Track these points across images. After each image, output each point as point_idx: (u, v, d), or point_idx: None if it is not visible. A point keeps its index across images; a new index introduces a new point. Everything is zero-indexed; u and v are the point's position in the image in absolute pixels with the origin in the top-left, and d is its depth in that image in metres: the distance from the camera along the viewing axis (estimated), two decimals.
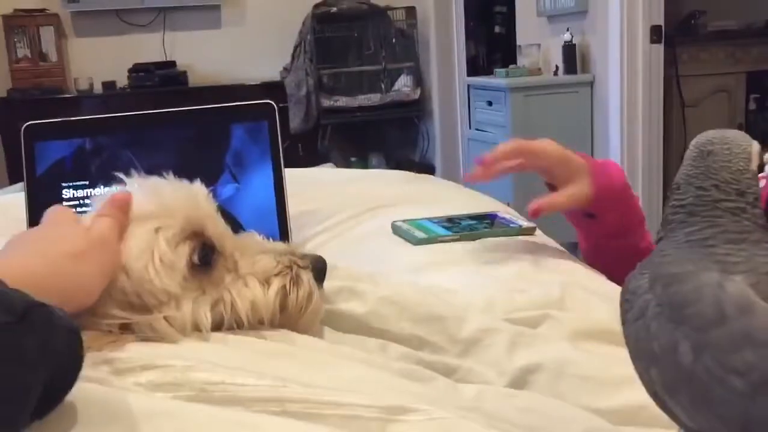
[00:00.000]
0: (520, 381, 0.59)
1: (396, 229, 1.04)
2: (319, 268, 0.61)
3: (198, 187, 0.61)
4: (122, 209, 0.57)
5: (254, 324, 0.56)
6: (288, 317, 0.58)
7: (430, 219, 1.06)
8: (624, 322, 0.44)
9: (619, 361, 0.61)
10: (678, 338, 0.40)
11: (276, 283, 0.58)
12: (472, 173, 0.93)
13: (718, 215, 0.44)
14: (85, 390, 0.40)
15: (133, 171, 0.62)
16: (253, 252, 0.59)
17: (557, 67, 3.71)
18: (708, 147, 0.46)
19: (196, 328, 0.53)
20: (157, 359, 0.43)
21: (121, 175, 0.61)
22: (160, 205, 0.57)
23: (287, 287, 0.58)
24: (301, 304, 0.58)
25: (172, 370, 0.43)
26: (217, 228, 0.59)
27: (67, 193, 0.92)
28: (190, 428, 0.39)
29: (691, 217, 0.45)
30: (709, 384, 0.39)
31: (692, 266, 0.42)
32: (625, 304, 0.44)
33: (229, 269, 0.58)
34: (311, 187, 1.27)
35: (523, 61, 3.93)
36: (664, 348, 0.41)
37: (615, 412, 0.56)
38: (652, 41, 3.36)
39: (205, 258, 0.57)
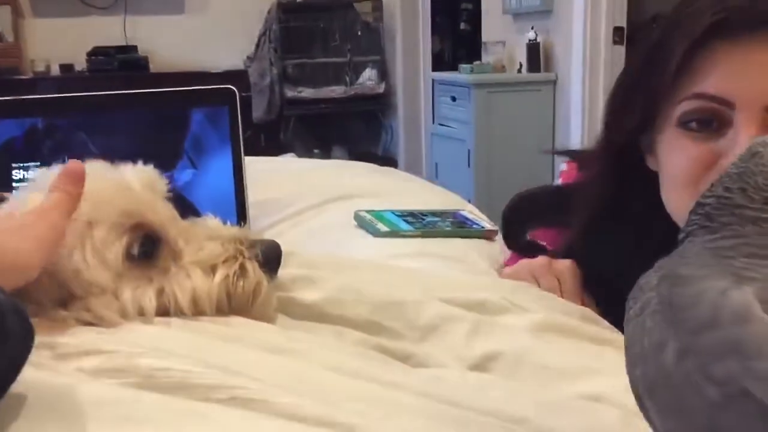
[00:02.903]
0: (479, 368, 0.59)
1: (359, 219, 1.03)
2: (273, 256, 0.59)
3: (133, 175, 0.59)
4: (74, 182, 0.54)
5: (197, 315, 0.55)
6: (236, 308, 0.56)
7: (393, 211, 1.05)
8: (627, 320, 0.42)
9: (578, 352, 0.61)
10: (668, 338, 0.38)
11: (221, 272, 0.56)
12: None
13: (740, 223, 0.40)
14: (23, 375, 0.38)
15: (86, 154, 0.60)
16: (199, 239, 0.57)
17: (521, 64, 3.74)
18: (758, 148, 0.42)
19: (141, 314, 0.52)
20: (102, 345, 0.41)
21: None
22: (92, 200, 0.55)
23: (230, 277, 0.56)
24: (248, 294, 0.56)
25: (117, 356, 0.41)
26: (159, 215, 0.57)
27: (17, 174, 0.89)
28: (135, 417, 0.37)
29: (710, 222, 0.41)
30: (685, 389, 0.37)
31: (705, 271, 0.39)
32: (631, 300, 0.42)
33: (174, 258, 0.56)
34: (272, 176, 1.25)
35: (487, 57, 3.95)
36: (653, 346, 0.39)
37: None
38: (615, 42, 3.41)
39: (147, 250, 0.55)
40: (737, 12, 0.67)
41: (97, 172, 0.58)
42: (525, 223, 0.93)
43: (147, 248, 0.55)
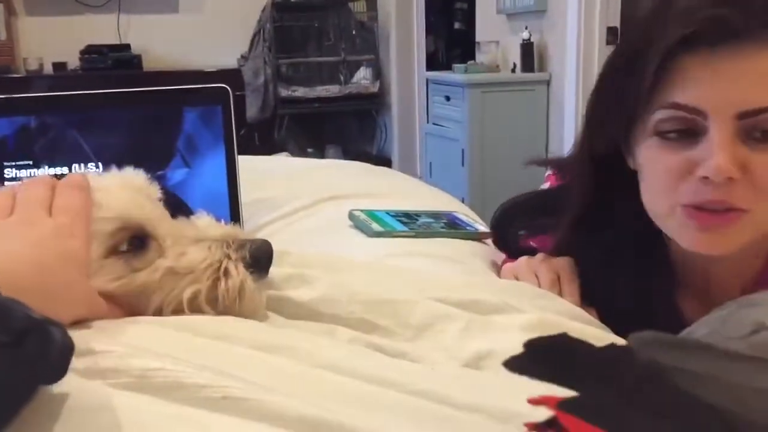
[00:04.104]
0: (471, 367, 0.59)
1: (353, 218, 1.03)
2: (262, 256, 0.58)
3: (122, 179, 0.59)
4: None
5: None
6: (222, 309, 0.56)
7: (387, 211, 1.05)
8: None
9: None
10: None
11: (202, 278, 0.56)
12: None
13: None
14: None
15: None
16: (185, 242, 0.57)
17: (515, 64, 3.75)
18: None
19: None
20: (95, 345, 0.41)
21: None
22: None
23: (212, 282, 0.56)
24: (233, 295, 0.56)
25: (109, 356, 0.41)
26: (148, 215, 0.56)
27: (9, 173, 0.88)
28: (127, 423, 0.37)
29: None
30: None
31: None
32: None
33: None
34: (266, 175, 1.25)
35: (481, 57, 3.96)
36: None
37: None
38: (608, 42, 3.41)
39: (134, 248, 0.55)
40: (706, 25, 0.69)
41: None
42: (514, 228, 0.95)
43: (134, 246, 0.55)
